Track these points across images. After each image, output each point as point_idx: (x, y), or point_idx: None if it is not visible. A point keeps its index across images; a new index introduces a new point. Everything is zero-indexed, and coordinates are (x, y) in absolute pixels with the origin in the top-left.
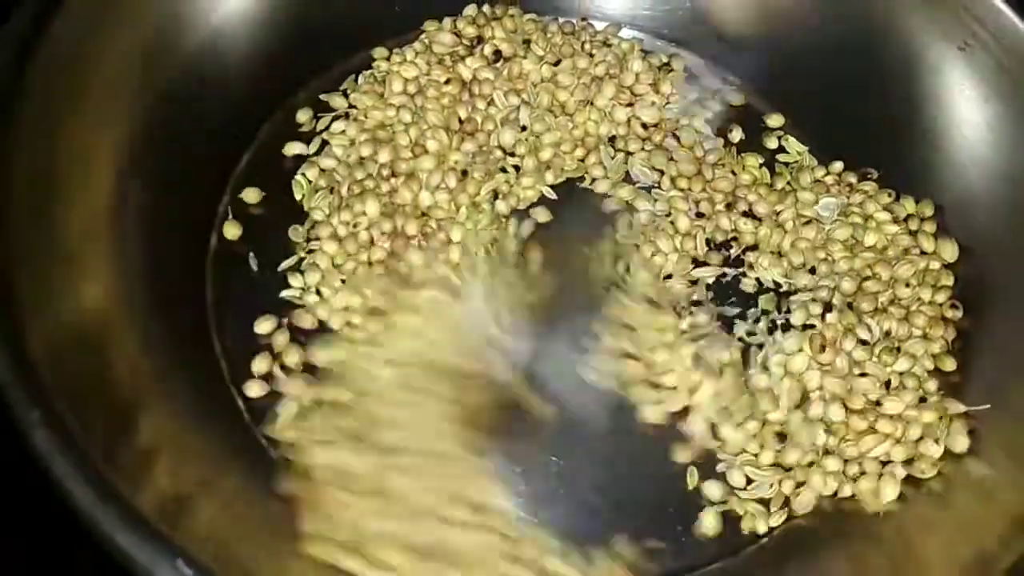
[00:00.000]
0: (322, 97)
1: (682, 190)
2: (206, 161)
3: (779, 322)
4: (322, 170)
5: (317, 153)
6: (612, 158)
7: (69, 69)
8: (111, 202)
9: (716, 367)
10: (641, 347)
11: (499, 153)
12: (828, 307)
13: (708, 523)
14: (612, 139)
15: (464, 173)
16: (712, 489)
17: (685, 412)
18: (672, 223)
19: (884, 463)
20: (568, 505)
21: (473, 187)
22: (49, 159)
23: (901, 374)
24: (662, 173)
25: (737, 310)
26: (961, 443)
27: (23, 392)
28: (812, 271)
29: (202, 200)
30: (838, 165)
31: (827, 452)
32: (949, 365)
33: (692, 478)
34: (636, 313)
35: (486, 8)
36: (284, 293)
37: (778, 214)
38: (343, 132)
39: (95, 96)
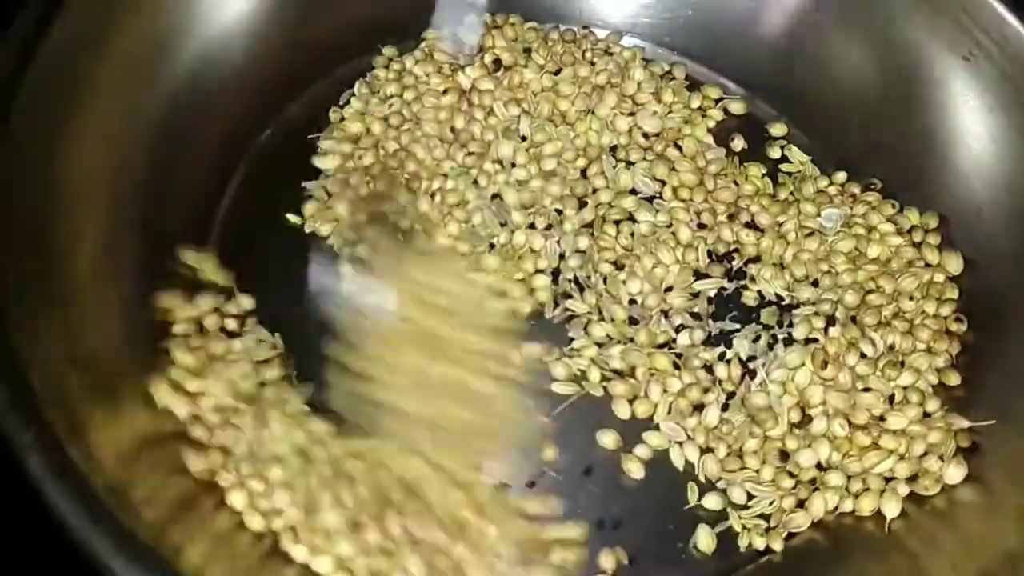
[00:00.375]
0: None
1: (684, 200)
2: (205, 165)
3: (781, 336)
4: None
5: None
6: (614, 168)
7: (70, 72)
8: (108, 210)
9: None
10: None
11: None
12: (831, 321)
13: (703, 540)
14: (613, 149)
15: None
16: (712, 505)
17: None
18: (673, 234)
19: (887, 479)
20: (565, 519)
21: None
22: (48, 164)
23: (905, 388)
24: (664, 183)
25: (737, 325)
26: (958, 474)
27: (17, 415)
28: (815, 284)
29: (202, 203)
30: (841, 175)
31: (830, 468)
32: (953, 379)
33: (692, 494)
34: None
35: (487, 17)
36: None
37: (780, 225)
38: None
39: (95, 99)
